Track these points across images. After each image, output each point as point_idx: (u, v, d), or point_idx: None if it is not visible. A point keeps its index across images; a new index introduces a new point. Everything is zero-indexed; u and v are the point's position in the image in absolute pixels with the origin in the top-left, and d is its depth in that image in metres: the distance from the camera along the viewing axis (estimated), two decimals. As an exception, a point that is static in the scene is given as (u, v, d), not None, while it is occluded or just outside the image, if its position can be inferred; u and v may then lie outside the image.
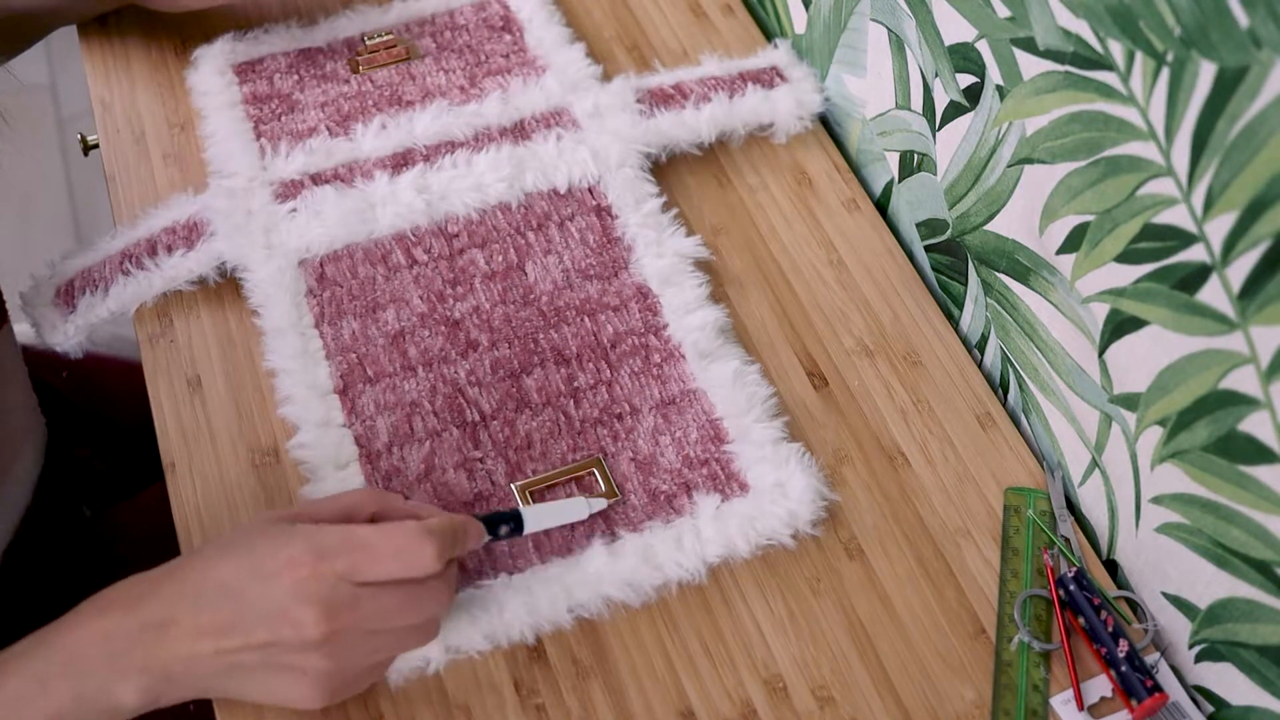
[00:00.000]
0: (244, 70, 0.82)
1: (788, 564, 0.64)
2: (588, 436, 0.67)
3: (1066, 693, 0.61)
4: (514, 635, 0.61)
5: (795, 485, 0.64)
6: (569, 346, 0.70)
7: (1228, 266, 0.50)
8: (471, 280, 0.72)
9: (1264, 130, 0.46)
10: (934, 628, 0.63)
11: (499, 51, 0.83)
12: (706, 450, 0.67)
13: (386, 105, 0.80)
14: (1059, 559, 0.64)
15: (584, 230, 0.74)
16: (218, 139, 0.78)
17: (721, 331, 0.71)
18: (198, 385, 0.70)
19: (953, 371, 0.71)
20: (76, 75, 1.74)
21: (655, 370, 0.69)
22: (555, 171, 0.76)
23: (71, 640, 0.52)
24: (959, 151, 0.69)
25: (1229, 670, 0.58)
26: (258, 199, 0.73)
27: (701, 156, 0.80)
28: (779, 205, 0.78)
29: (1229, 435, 0.53)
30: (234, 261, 0.72)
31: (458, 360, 0.69)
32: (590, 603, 0.62)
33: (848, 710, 0.60)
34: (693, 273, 0.73)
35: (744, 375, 0.69)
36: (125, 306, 0.71)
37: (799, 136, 0.81)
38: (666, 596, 0.63)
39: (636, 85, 0.79)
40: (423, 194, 0.74)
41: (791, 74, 0.81)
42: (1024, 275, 0.66)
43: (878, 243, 0.77)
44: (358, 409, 0.68)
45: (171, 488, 0.66)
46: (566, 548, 0.63)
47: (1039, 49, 0.58)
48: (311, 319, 0.71)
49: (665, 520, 0.64)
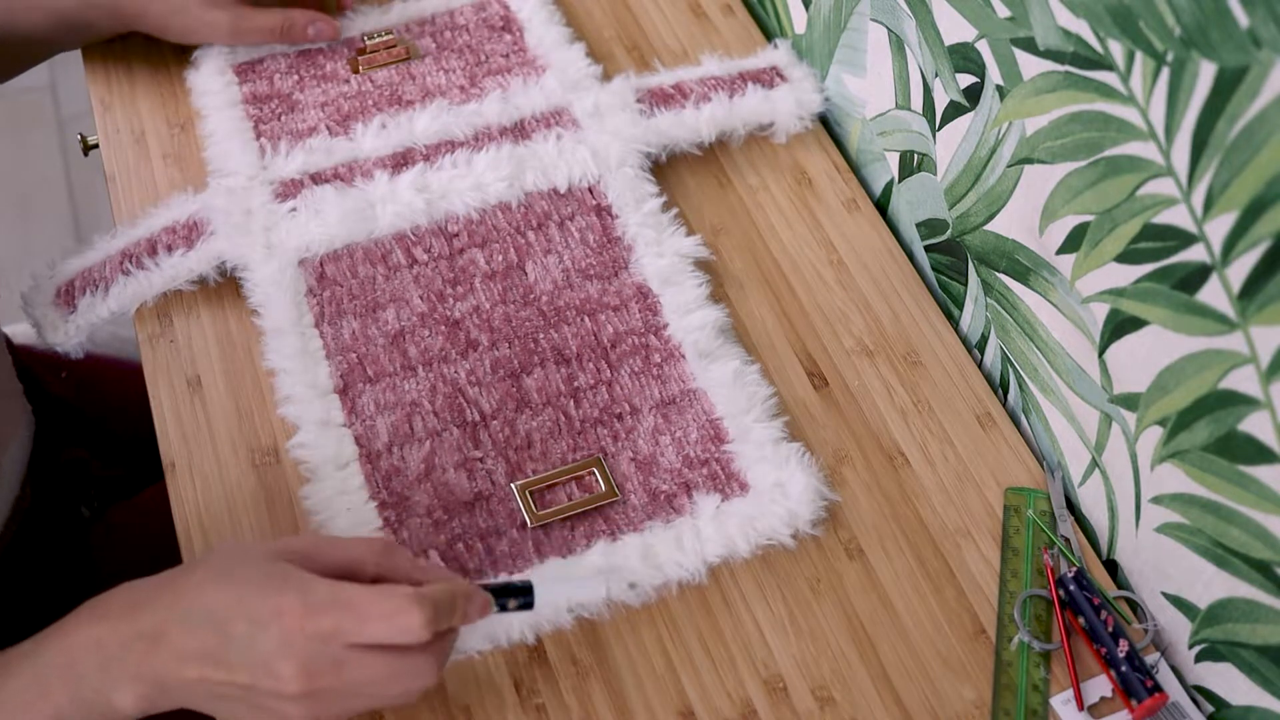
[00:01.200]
0: (244, 70, 0.82)
1: (788, 564, 0.64)
2: (588, 436, 0.67)
3: (1066, 693, 0.61)
4: (514, 635, 0.61)
5: (795, 485, 0.64)
6: (569, 346, 0.70)
7: (1228, 266, 0.50)
8: (471, 280, 0.72)
9: (1264, 130, 0.46)
10: (934, 628, 0.63)
11: (499, 51, 0.83)
12: (706, 450, 0.67)
13: (386, 105, 0.80)
14: (1059, 559, 0.64)
15: (584, 230, 0.74)
16: (218, 138, 0.78)
17: (721, 331, 0.71)
18: (198, 385, 0.70)
19: (953, 371, 0.71)
20: (76, 75, 1.73)
21: (655, 370, 0.69)
22: (555, 171, 0.75)
23: (67, 644, 0.52)
24: (959, 151, 0.69)
25: (1229, 670, 0.58)
26: (258, 198, 0.73)
27: (701, 156, 0.80)
28: (779, 205, 0.78)
29: (1229, 435, 0.53)
30: (234, 261, 0.72)
31: (458, 360, 0.69)
32: (590, 602, 0.62)
33: (848, 710, 0.60)
34: (693, 272, 0.73)
35: (744, 375, 0.69)
36: (125, 306, 0.71)
37: (799, 136, 0.81)
38: (667, 596, 0.63)
39: (636, 85, 0.79)
40: (423, 193, 0.74)
41: (792, 74, 0.81)
42: (1024, 275, 0.66)
43: (878, 243, 0.77)
44: (358, 409, 0.67)
45: (171, 488, 0.66)
46: (567, 548, 0.63)
47: (1039, 49, 0.58)
48: (311, 318, 0.71)
49: (665, 520, 0.64)
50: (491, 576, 0.62)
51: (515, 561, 0.63)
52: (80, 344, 0.71)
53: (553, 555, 0.63)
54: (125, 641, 0.52)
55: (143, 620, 0.52)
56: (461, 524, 0.64)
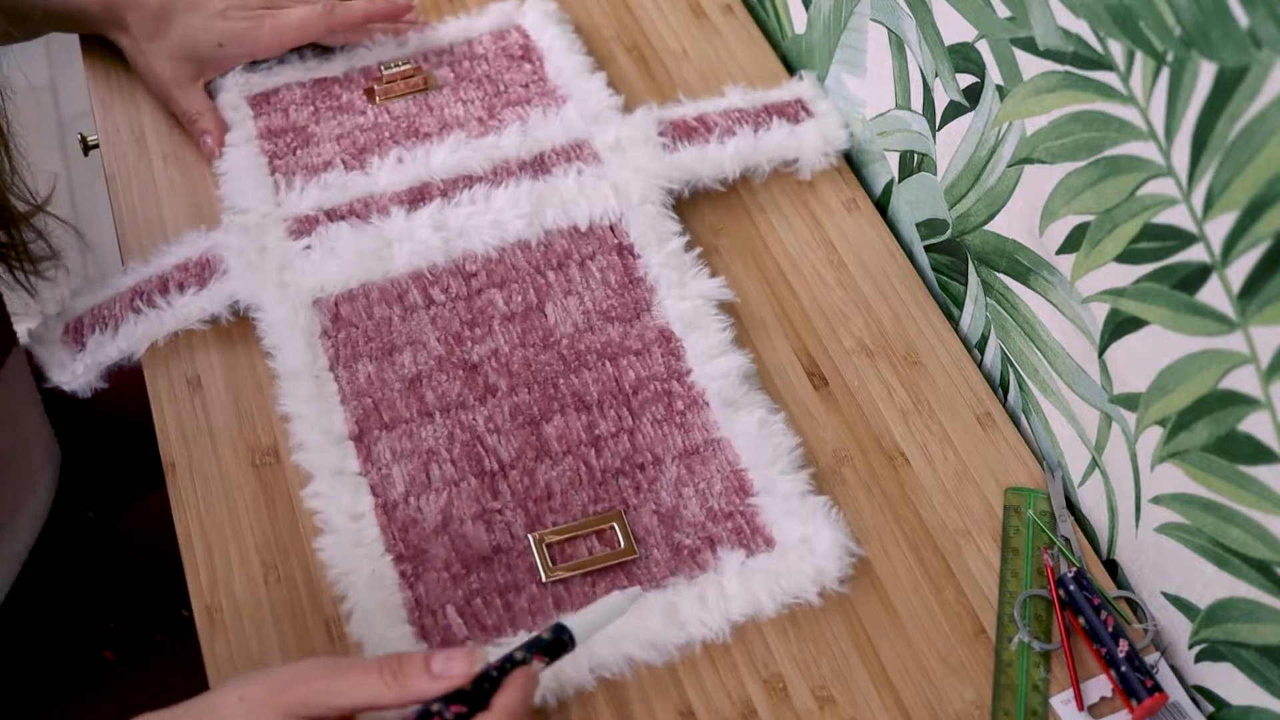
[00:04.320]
0: (258, 102, 0.80)
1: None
2: (609, 487, 0.65)
3: (1066, 693, 0.61)
4: (535, 699, 0.57)
5: (822, 541, 0.63)
6: (590, 392, 0.68)
7: (1228, 266, 0.50)
8: (490, 321, 0.70)
9: (1264, 130, 0.46)
10: (934, 628, 0.63)
11: (518, 81, 0.82)
12: (731, 503, 0.65)
13: (403, 137, 0.78)
14: (1059, 559, 0.64)
15: (605, 270, 0.72)
16: (232, 174, 0.76)
17: (746, 378, 0.69)
18: (198, 385, 0.70)
19: (953, 371, 0.71)
20: (76, 75, 1.74)
21: (678, 418, 0.67)
22: (576, 208, 0.73)
23: None
24: (959, 151, 0.69)
25: (1229, 670, 0.58)
26: (272, 235, 0.72)
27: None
28: (779, 205, 0.78)
29: (1229, 435, 0.53)
30: (247, 300, 0.70)
31: (476, 406, 0.67)
32: (612, 662, 0.60)
33: (848, 710, 0.60)
34: (716, 315, 0.71)
35: (769, 424, 0.66)
36: (135, 346, 0.69)
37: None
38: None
39: (659, 117, 0.77)
40: (440, 231, 0.72)
41: (817, 108, 0.79)
42: (1024, 275, 0.66)
43: (878, 243, 0.77)
44: (373, 456, 0.66)
45: (171, 488, 0.66)
46: (587, 604, 0.60)
47: (1039, 49, 0.58)
48: (326, 361, 0.69)
49: (689, 576, 0.62)
50: (508, 628, 0.60)
51: (535, 619, 0.61)
52: (89, 383, 0.69)
53: (572, 612, 0.61)
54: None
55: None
56: (479, 579, 0.62)
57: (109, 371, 0.69)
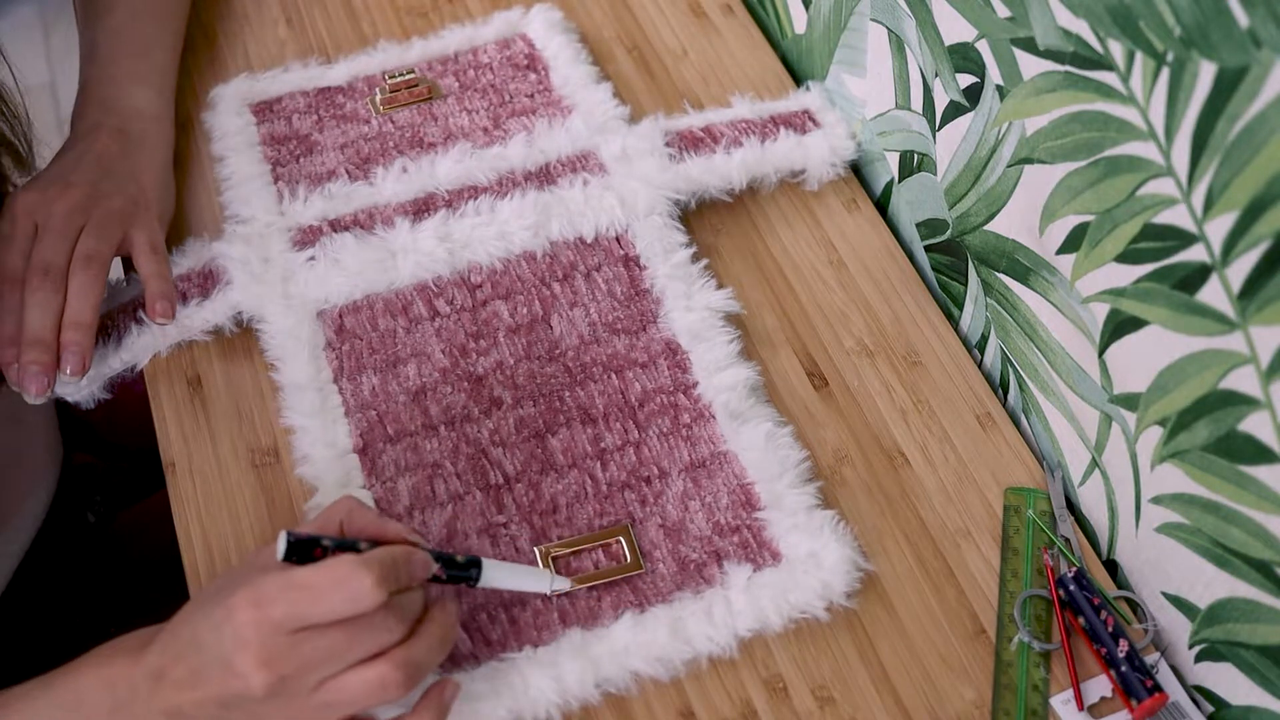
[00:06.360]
0: (261, 110, 0.80)
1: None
2: (615, 501, 0.65)
3: (1066, 693, 0.61)
4: (540, 714, 0.59)
5: (829, 555, 0.62)
6: (595, 405, 0.68)
7: (1228, 266, 0.50)
8: (495, 333, 0.70)
9: (1264, 130, 0.46)
10: (934, 628, 0.63)
11: (524, 91, 0.81)
12: (737, 516, 0.64)
13: (408, 147, 0.78)
14: (1059, 559, 0.64)
15: (611, 281, 0.72)
16: (234, 182, 0.76)
17: (753, 391, 0.68)
18: (198, 385, 0.70)
19: (953, 371, 0.71)
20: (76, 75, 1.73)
21: (684, 431, 0.67)
22: (581, 219, 0.73)
23: (76, 685, 0.53)
24: (959, 151, 0.69)
25: (1229, 670, 0.58)
26: (275, 246, 0.71)
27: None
28: (778, 205, 0.78)
29: (1229, 435, 0.53)
30: (251, 311, 0.70)
31: (481, 419, 0.67)
32: (618, 677, 0.60)
33: (848, 710, 0.60)
34: (723, 328, 0.70)
35: (776, 438, 0.66)
36: (138, 357, 0.69)
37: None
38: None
39: (665, 127, 0.77)
40: (445, 242, 0.71)
41: (824, 118, 0.79)
42: (1024, 275, 0.66)
43: (878, 243, 0.77)
44: (378, 469, 0.66)
45: (171, 488, 0.66)
46: (593, 618, 0.61)
47: (1039, 49, 0.58)
48: (330, 374, 0.68)
49: (695, 590, 0.62)
50: (513, 642, 0.61)
51: (541, 633, 0.61)
52: (92, 394, 0.68)
53: (578, 626, 0.61)
54: (134, 681, 0.52)
55: (147, 661, 0.52)
56: (485, 593, 0.62)
57: (112, 382, 0.69)
